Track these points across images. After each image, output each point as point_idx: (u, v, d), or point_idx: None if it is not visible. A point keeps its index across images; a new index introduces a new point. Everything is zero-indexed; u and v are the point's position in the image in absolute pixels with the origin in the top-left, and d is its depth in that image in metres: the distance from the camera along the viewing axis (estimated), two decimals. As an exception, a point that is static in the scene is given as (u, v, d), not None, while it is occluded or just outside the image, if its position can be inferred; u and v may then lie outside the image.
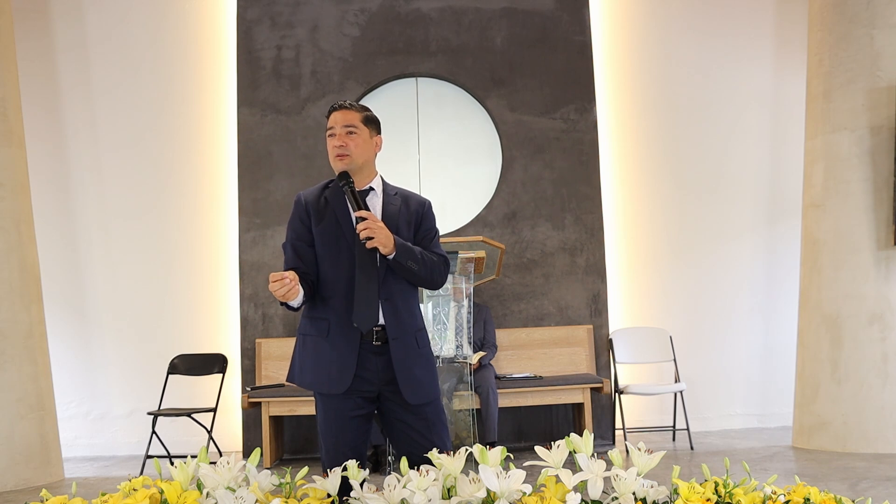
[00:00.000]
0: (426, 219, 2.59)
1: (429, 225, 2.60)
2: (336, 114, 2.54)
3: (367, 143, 2.54)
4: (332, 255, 2.48)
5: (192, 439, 5.74)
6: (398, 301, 2.48)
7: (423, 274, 2.49)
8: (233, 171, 6.15)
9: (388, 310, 2.46)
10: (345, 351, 2.43)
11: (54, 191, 6.16)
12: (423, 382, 2.47)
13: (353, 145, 2.50)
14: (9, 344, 4.80)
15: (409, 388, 2.44)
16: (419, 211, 2.58)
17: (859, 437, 5.06)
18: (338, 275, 2.47)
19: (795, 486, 2.23)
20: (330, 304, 2.47)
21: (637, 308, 6.26)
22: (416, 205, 2.60)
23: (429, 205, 2.64)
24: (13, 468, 4.71)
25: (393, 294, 2.47)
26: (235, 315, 6.01)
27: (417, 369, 2.47)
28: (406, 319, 2.49)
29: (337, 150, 2.50)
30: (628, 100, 6.43)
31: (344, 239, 2.48)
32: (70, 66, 6.27)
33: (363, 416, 2.48)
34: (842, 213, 5.25)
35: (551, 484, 2.13)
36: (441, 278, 2.58)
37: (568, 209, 6.10)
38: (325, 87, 6.15)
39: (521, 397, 5.35)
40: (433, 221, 2.63)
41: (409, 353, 2.47)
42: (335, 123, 2.52)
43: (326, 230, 2.50)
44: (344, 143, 2.49)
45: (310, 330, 2.50)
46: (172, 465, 2.16)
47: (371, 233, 2.37)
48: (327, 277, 2.49)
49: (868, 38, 5.19)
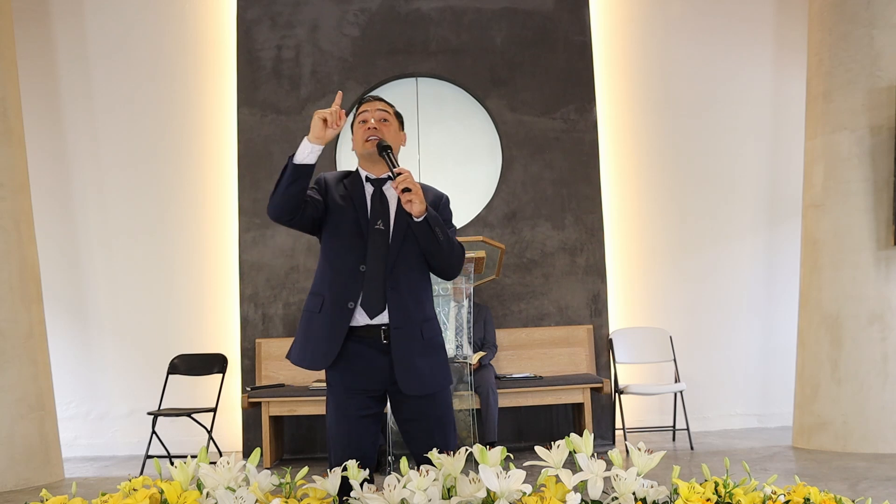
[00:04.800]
0: (443, 209, 2.60)
1: (446, 217, 2.60)
2: (369, 103, 2.59)
3: (396, 134, 2.61)
4: (343, 238, 2.49)
5: (192, 439, 5.74)
6: (405, 290, 2.47)
7: (447, 247, 2.48)
8: (233, 171, 6.15)
9: (394, 299, 2.45)
10: (332, 329, 2.43)
11: (54, 191, 6.16)
12: (424, 373, 2.44)
13: (386, 131, 2.54)
14: (9, 344, 4.80)
15: (406, 379, 2.42)
16: (436, 202, 2.59)
17: (859, 437, 5.06)
18: (344, 258, 2.47)
19: (795, 486, 2.23)
20: (328, 282, 2.48)
21: (637, 308, 6.26)
22: (434, 197, 2.61)
23: (447, 199, 2.65)
24: (13, 468, 4.71)
25: (400, 283, 2.46)
26: (235, 315, 6.02)
27: (419, 359, 2.45)
28: (412, 309, 2.47)
29: (369, 133, 2.52)
30: (628, 100, 6.43)
31: (357, 223, 2.49)
32: (70, 65, 6.27)
33: (371, 416, 2.47)
34: (842, 214, 5.25)
35: (551, 484, 2.13)
36: (459, 263, 2.57)
37: (568, 209, 6.10)
38: (325, 87, 6.15)
39: (521, 397, 5.35)
40: (450, 215, 2.64)
41: (411, 344, 2.44)
42: (369, 109, 2.56)
43: (341, 215, 2.51)
44: (377, 127, 2.53)
45: (307, 305, 2.53)
46: (172, 465, 2.16)
47: (410, 184, 2.37)
48: (333, 258, 2.50)
49: (868, 38, 5.19)
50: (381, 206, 2.51)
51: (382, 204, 2.51)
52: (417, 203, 2.38)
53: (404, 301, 2.46)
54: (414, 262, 2.50)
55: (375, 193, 2.54)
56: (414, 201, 2.38)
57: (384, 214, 2.50)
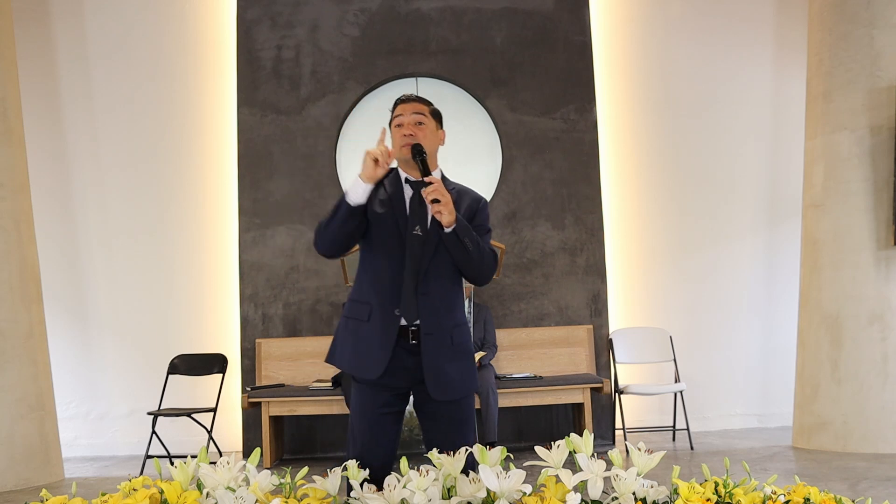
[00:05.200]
0: (479, 214, 2.58)
1: (480, 221, 2.58)
2: (404, 104, 2.57)
3: (433, 135, 2.58)
4: (383, 240, 2.49)
5: (192, 439, 5.74)
6: (436, 296, 2.47)
7: (476, 257, 2.47)
8: (233, 171, 6.15)
9: (425, 305, 2.45)
10: (383, 337, 2.43)
11: (54, 191, 6.16)
12: (454, 379, 2.46)
13: (422, 135, 2.52)
14: (9, 344, 4.80)
15: (435, 385, 2.43)
16: (473, 206, 2.57)
17: (859, 437, 5.06)
18: (385, 261, 2.47)
19: (795, 486, 2.23)
20: (374, 289, 2.48)
21: (637, 308, 6.26)
22: (471, 200, 2.59)
23: (485, 202, 2.63)
24: (13, 468, 4.71)
25: (431, 289, 2.46)
26: (235, 315, 6.01)
27: (449, 366, 2.46)
28: (443, 315, 2.47)
29: (405, 140, 2.51)
30: (628, 100, 6.43)
31: (396, 226, 2.48)
32: (70, 65, 6.27)
33: (394, 413, 2.48)
34: (842, 214, 5.24)
35: (551, 484, 2.13)
36: (490, 270, 2.56)
37: (568, 209, 6.10)
38: (325, 87, 6.15)
39: (521, 397, 5.35)
40: (486, 219, 2.61)
41: (440, 350, 2.45)
42: (404, 112, 2.55)
43: (381, 216, 2.50)
44: (412, 132, 2.51)
45: (352, 313, 2.51)
46: (172, 465, 2.16)
47: (439, 195, 2.36)
48: (375, 263, 2.50)
49: (868, 38, 5.19)
50: (421, 210, 2.50)
51: (422, 207, 2.50)
52: (446, 214, 2.37)
53: (436, 307, 2.46)
54: (446, 269, 2.49)
55: (414, 197, 2.52)
56: (443, 212, 2.37)
57: (423, 219, 2.49)
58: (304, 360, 5.80)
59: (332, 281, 5.92)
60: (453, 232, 2.42)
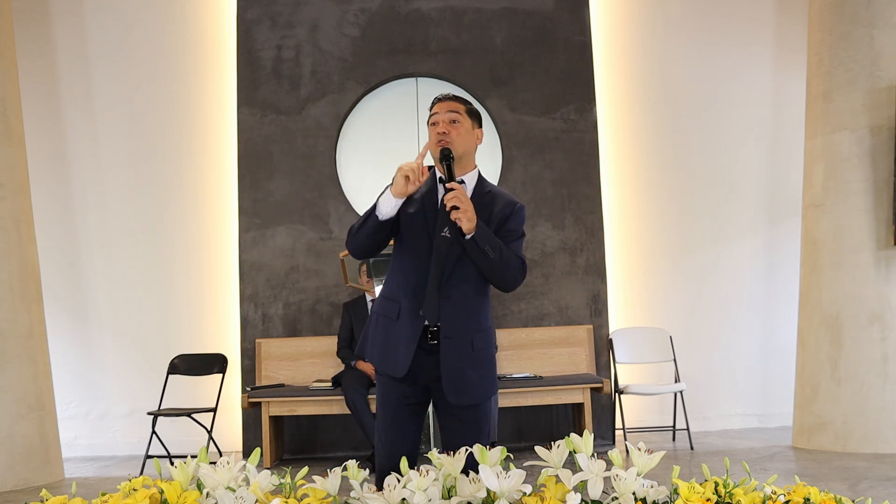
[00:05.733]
0: (512, 219, 2.53)
1: (513, 226, 2.53)
2: (440, 104, 2.55)
3: (468, 134, 2.54)
4: (414, 240, 2.49)
5: (192, 439, 5.74)
6: (458, 300, 2.46)
7: (498, 264, 2.43)
8: (233, 171, 6.15)
9: (447, 308, 2.44)
10: (409, 337, 2.45)
11: (54, 191, 6.16)
12: (472, 384, 2.47)
13: (455, 134, 2.50)
14: (9, 344, 4.80)
15: (453, 390, 2.44)
16: (506, 210, 2.53)
17: (859, 437, 5.06)
18: (415, 261, 2.48)
19: (795, 486, 2.23)
20: (403, 289, 2.49)
21: (637, 308, 6.26)
22: (505, 204, 2.54)
23: (520, 207, 2.58)
24: (13, 468, 4.71)
25: (453, 293, 2.45)
26: (235, 315, 6.01)
27: (469, 371, 2.46)
28: (465, 320, 2.47)
29: (439, 138, 2.50)
30: (628, 100, 6.43)
31: (427, 227, 2.48)
32: (70, 65, 6.26)
33: (412, 405, 2.50)
34: (842, 214, 5.24)
35: (551, 484, 2.13)
36: (516, 278, 2.52)
37: (568, 209, 6.10)
38: (325, 87, 6.15)
39: (521, 397, 5.34)
40: (520, 224, 2.56)
41: (460, 355, 2.45)
42: (439, 111, 2.54)
43: (413, 216, 2.50)
44: (446, 130, 2.50)
45: (383, 310, 2.53)
46: (172, 465, 2.16)
47: (458, 202, 2.35)
48: (404, 261, 2.50)
49: (868, 38, 5.19)
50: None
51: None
52: (465, 221, 2.36)
53: (457, 311, 2.46)
54: (471, 273, 2.48)
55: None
56: (462, 219, 2.35)
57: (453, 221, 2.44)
58: (304, 360, 5.80)
59: (332, 281, 5.92)
60: (472, 239, 2.40)
